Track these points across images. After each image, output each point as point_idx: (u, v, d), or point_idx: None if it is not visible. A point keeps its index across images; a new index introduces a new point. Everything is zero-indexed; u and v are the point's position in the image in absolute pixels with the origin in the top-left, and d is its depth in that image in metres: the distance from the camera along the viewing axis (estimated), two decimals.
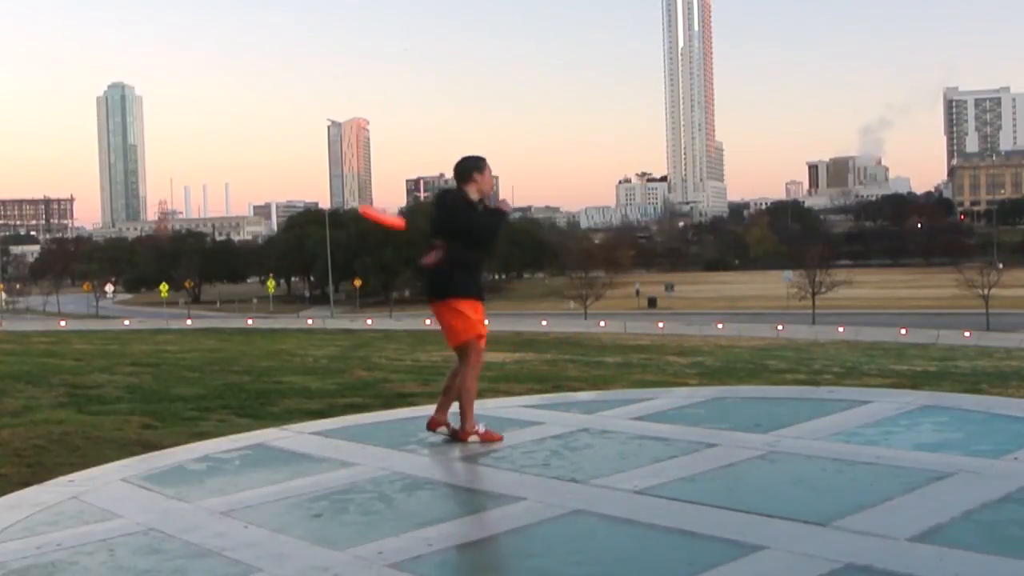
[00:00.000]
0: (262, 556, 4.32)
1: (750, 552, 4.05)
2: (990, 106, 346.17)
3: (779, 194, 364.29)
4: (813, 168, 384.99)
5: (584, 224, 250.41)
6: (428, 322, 64.74)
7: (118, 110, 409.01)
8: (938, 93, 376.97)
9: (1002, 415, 6.85)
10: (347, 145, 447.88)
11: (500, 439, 6.49)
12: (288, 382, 16.76)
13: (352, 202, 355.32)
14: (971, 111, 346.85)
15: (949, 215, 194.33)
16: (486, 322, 6.64)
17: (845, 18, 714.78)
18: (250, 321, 69.68)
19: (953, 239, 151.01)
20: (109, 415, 11.42)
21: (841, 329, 52.31)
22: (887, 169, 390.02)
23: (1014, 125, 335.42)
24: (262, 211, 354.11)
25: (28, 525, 5.09)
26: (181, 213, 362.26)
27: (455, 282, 6.42)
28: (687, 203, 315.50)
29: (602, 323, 60.70)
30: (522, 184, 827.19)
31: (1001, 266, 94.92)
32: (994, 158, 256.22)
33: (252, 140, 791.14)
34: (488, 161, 6.78)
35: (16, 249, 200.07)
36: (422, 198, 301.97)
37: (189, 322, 67.32)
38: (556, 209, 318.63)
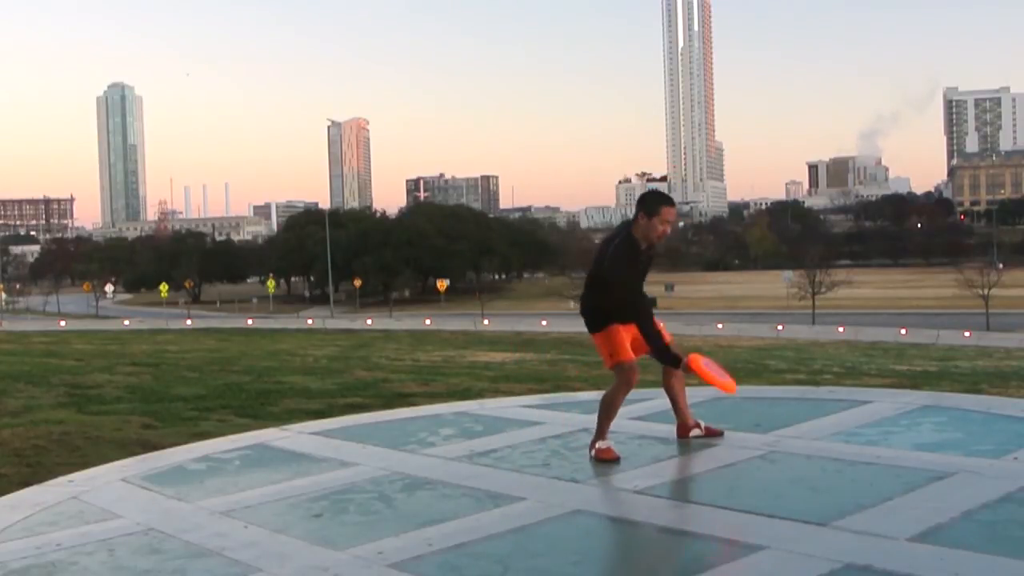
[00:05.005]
0: (262, 556, 4.32)
1: (750, 552, 4.05)
2: (990, 106, 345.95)
3: (779, 194, 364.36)
4: (813, 168, 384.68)
5: (584, 224, 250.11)
6: (428, 322, 64.83)
7: (118, 110, 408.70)
8: (938, 93, 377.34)
9: (1002, 415, 6.84)
10: (347, 145, 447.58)
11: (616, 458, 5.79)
12: (288, 382, 16.74)
13: (352, 202, 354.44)
14: (971, 111, 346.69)
15: (949, 215, 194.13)
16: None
17: (845, 18, 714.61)
18: (250, 321, 69.63)
19: (953, 239, 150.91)
20: (109, 415, 11.42)
21: (841, 329, 52.23)
22: (887, 169, 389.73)
23: (1014, 125, 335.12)
24: (262, 211, 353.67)
25: (28, 525, 5.09)
26: (181, 213, 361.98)
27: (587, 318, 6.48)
28: (687, 203, 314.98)
29: None
30: (522, 184, 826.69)
31: (1001, 266, 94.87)
32: (994, 158, 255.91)
33: (252, 140, 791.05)
34: (669, 204, 5.78)
35: (16, 249, 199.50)
36: (422, 198, 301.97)
37: (189, 322, 67.24)
38: (556, 209, 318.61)
